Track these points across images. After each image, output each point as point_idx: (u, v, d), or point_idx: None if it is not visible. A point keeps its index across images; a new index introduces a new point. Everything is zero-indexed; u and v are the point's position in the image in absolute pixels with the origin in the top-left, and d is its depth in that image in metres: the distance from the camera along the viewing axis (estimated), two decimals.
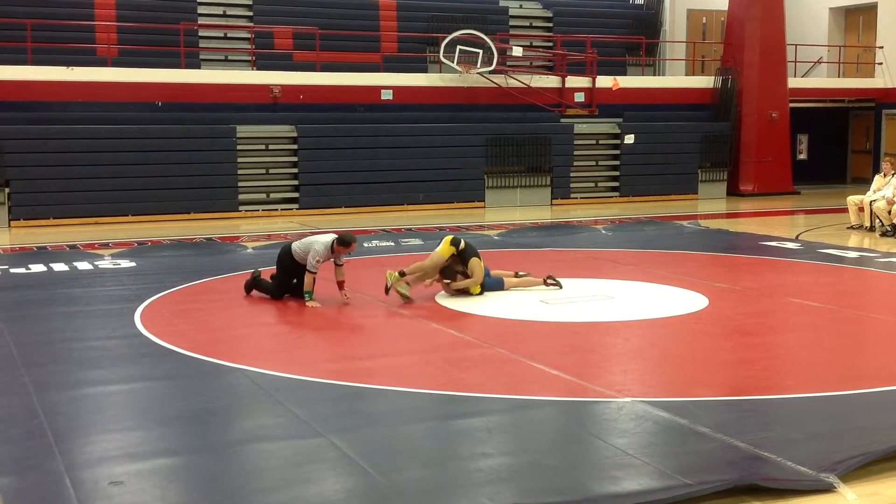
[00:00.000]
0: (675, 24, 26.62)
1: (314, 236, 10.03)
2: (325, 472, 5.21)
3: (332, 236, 9.85)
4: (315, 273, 9.71)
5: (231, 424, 6.09)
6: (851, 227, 16.27)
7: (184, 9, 21.09)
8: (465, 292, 10.09)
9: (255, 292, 10.23)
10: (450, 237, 10.23)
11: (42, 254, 13.60)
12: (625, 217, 18.69)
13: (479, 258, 10.10)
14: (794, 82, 24.07)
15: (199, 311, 9.63)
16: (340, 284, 9.80)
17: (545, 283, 10.52)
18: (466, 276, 10.06)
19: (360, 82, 20.35)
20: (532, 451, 5.52)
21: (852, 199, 16.58)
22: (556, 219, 18.72)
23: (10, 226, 16.97)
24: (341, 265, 9.81)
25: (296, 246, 9.90)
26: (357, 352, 8.18)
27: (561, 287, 10.48)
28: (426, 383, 6.95)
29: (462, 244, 10.08)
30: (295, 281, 9.98)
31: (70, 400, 6.52)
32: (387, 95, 20.52)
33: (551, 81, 21.98)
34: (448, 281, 10.13)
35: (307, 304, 9.65)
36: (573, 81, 22.06)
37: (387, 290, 9.83)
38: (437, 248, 10.11)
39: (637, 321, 9.04)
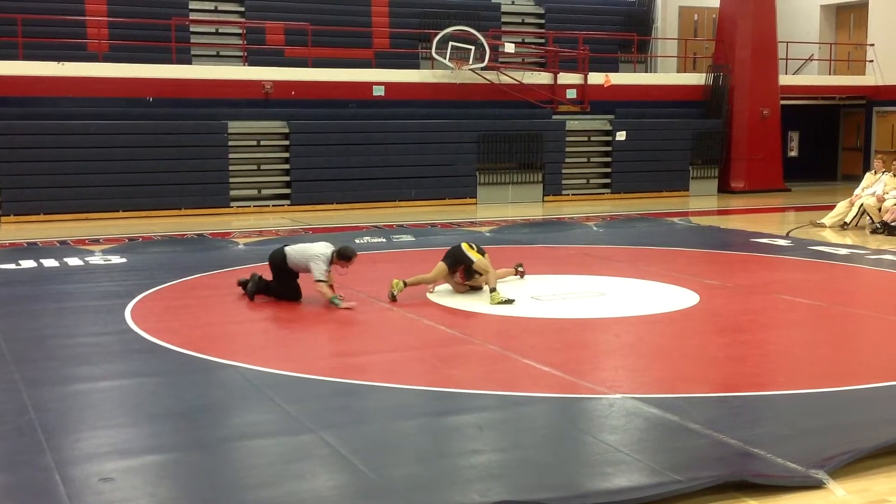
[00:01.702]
0: (666, 21, 26.66)
1: (309, 245, 9.69)
2: (316, 469, 5.21)
3: (328, 247, 9.53)
4: (326, 281, 9.34)
5: (222, 421, 6.08)
6: (815, 223, 16.24)
7: (175, 4, 21.04)
8: (474, 288, 10.11)
9: (257, 296, 9.74)
10: (441, 260, 9.97)
11: (32, 249, 13.56)
12: (616, 214, 18.71)
13: (483, 254, 10.00)
14: (785, 79, 24.12)
15: (190, 307, 9.61)
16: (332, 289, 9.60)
17: (516, 272, 10.84)
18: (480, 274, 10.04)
19: (352, 78, 20.33)
20: (523, 448, 5.53)
21: (843, 204, 16.44)
22: (547, 215, 18.74)
23: None
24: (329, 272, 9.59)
25: (291, 253, 9.57)
26: (349, 348, 8.17)
27: (523, 276, 10.84)
28: (417, 380, 6.96)
29: (458, 257, 9.91)
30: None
31: (60, 396, 6.51)
32: (379, 92, 20.51)
33: (543, 78, 21.99)
34: (469, 282, 10.09)
35: (341, 307, 9.23)
36: (565, 78, 22.07)
37: (393, 298, 9.63)
38: (437, 267, 9.93)
39: (628, 318, 9.05)
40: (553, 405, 6.37)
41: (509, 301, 9.48)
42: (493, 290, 9.61)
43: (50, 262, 12.17)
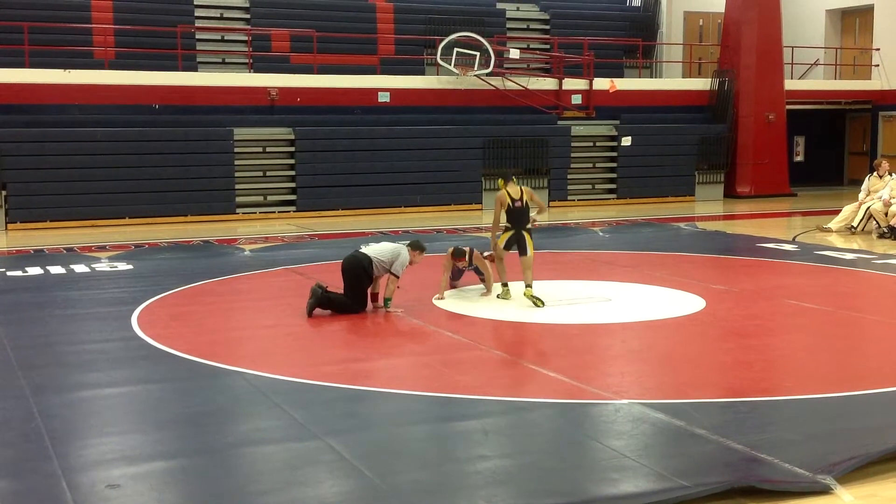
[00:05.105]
0: (671, 27, 26.65)
1: (388, 244, 9.60)
2: (322, 475, 5.21)
3: (398, 244, 9.59)
4: (398, 277, 9.36)
5: (228, 427, 6.09)
6: (821, 228, 16.25)
7: (181, 11, 21.11)
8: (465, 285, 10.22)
9: (317, 310, 9.28)
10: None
11: (39, 256, 13.58)
12: (622, 219, 18.69)
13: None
14: (790, 84, 24.10)
15: (196, 313, 9.63)
16: (375, 297, 9.55)
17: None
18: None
19: (358, 85, 20.36)
20: (529, 454, 5.52)
21: (849, 208, 16.42)
22: (553, 220, 18.72)
23: (6, 228, 16.95)
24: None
25: (375, 255, 9.27)
26: (354, 354, 8.17)
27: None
28: (423, 385, 6.96)
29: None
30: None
31: (67, 403, 6.52)
32: (384, 98, 20.53)
33: (548, 84, 21.99)
34: (461, 263, 10.21)
35: (391, 311, 9.31)
36: (570, 83, 22.07)
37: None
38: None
39: (634, 323, 9.04)
40: (559, 410, 6.36)
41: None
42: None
43: (56, 269, 12.20)
